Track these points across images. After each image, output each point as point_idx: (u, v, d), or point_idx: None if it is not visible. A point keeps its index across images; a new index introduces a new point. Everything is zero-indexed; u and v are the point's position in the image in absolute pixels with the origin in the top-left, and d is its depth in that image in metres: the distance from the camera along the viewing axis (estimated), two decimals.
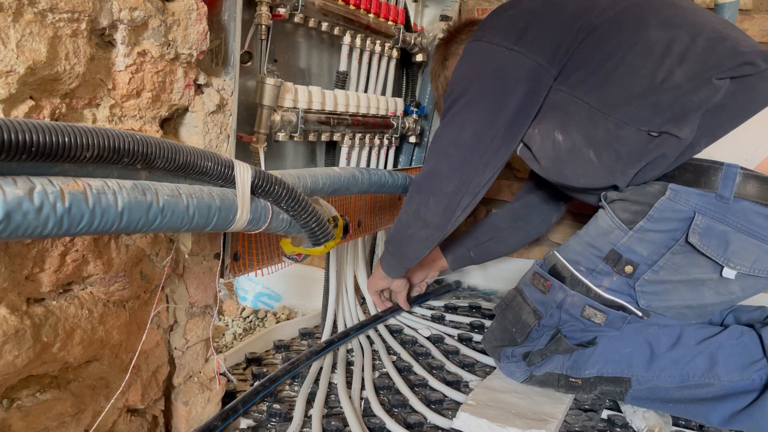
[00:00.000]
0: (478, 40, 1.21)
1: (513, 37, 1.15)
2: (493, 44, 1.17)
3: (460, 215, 1.24)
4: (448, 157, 1.21)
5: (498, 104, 1.16)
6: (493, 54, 1.17)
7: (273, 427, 1.02)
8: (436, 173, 1.23)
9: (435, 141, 1.26)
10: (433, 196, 1.24)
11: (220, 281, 1.00)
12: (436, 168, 1.24)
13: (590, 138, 1.09)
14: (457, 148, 1.20)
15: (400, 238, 1.35)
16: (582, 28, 1.11)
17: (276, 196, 0.80)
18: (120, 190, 0.60)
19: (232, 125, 0.93)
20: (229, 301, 1.86)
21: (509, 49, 1.15)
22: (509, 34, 1.16)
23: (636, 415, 1.12)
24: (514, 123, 1.16)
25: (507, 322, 1.19)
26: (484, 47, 1.19)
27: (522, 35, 1.15)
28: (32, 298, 0.69)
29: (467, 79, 1.20)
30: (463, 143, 1.19)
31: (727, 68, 1.01)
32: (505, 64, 1.15)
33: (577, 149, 1.11)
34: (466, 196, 1.21)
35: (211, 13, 0.88)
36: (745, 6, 1.61)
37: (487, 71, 1.18)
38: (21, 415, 0.70)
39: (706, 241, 1.01)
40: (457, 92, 1.21)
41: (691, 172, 1.02)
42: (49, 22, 0.64)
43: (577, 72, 1.11)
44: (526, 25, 1.15)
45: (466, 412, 1.05)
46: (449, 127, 1.22)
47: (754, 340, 1.06)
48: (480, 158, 1.18)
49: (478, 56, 1.21)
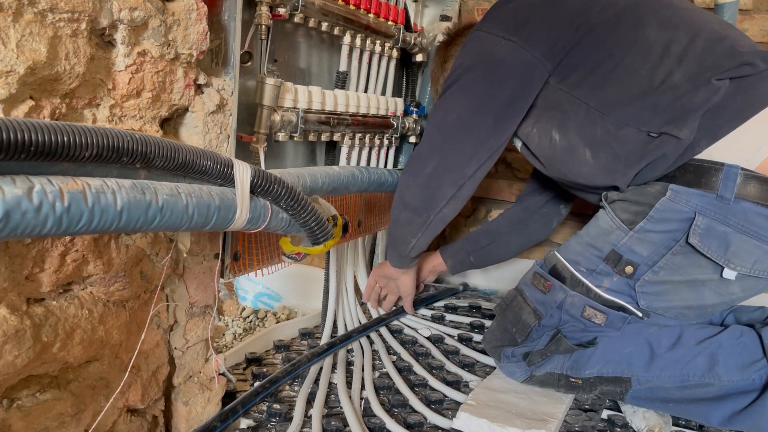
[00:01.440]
0: (478, 30, 1.22)
1: (511, 28, 1.16)
2: (491, 34, 1.18)
3: (444, 206, 1.23)
4: (431, 138, 1.23)
5: (488, 92, 1.16)
6: (489, 43, 1.18)
7: (273, 427, 1.02)
8: (417, 154, 1.26)
9: (426, 125, 1.27)
10: (412, 176, 1.25)
11: (220, 281, 1.00)
12: (418, 150, 1.26)
13: (588, 138, 1.09)
14: (440, 130, 1.22)
15: (391, 222, 1.37)
16: (580, 27, 1.11)
17: (275, 195, 0.80)
18: (119, 189, 0.60)
19: (232, 125, 0.93)
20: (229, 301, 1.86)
21: (506, 39, 1.15)
22: (508, 25, 1.16)
23: (636, 415, 1.12)
24: (504, 115, 1.16)
25: (507, 322, 1.19)
26: (482, 36, 1.20)
27: (520, 28, 1.15)
28: (32, 298, 0.69)
29: (462, 66, 1.21)
30: (447, 126, 1.20)
31: (727, 69, 1.01)
32: (501, 54, 1.16)
33: (573, 149, 1.11)
34: (447, 185, 1.21)
35: (211, 13, 0.88)
36: (745, 6, 1.61)
37: (481, 59, 1.18)
38: (21, 415, 0.70)
39: (707, 242, 1.01)
40: (451, 79, 1.22)
41: (692, 172, 1.02)
42: (49, 22, 0.64)
43: (575, 71, 1.11)
44: (525, 19, 1.16)
45: (466, 412, 1.05)
46: (437, 111, 1.24)
47: (754, 340, 1.06)
48: (462, 144, 1.19)
49: (475, 45, 1.21)
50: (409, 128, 1.64)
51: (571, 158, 1.12)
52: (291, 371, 1.18)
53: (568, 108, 1.12)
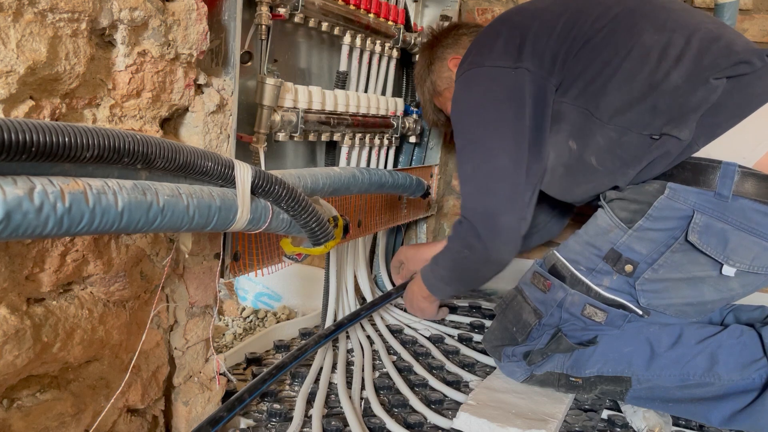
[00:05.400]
0: (480, 66, 1.20)
1: (514, 55, 1.16)
2: (496, 67, 1.17)
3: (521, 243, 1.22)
4: (493, 191, 1.18)
5: (520, 125, 1.15)
6: (498, 77, 1.17)
7: (273, 427, 1.02)
8: (489, 213, 1.19)
9: (467, 178, 1.23)
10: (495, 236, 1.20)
11: (220, 281, 1.00)
12: (485, 207, 1.20)
13: (592, 146, 1.10)
14: (501, 180, 1.17)
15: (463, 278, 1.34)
16: (577, 38, 1.12)
17: (276, 196, 0.80)
18: (120, 190, 0.60)
19: (232, 125, 0.93)
20: (229, 301, 1.86)
21: (514, 68, 1.15)
22: (508, 53, 1.16)
23: (636, 415, 1.12)
24: (537, 139, 1.16)
25: (507, 322, 1.19)
26: (488, 72, 1.19)
27: (521, 52, 1.15)
28: (32, 298, 0.69)
29: (479, 106, 1.20)
30: (506, 173, 1.16)
31: (724, 68, 1.02)
32: (514, 84, 1.15)
33: (585, 157, 1.12)
34: (523, 225, 1.19)
35: (211, 13, 0.88)
36: (745, 6, 1.61)
37: (497, 95, 1.17)
38: (21, 415, 0.70)
39: (706, 240, 1.01)
40: (473, 122, 1.20)
41: (690, 170, 1.03)
42: (49, 22, 0.64)
43: (576, 82, 1.12)
44: (522, 41, 1.16)
45: (466, 412, 1.05)
46: (480, 161, 1.19)
47: (754, 340, 1.06)
48: (526, 183, 1.17)
49: (483, 82, 1.20)
50: (409, 128, 1.64)
51: (585, 168, 1.14)
52: (298, 356, 1.17)
53: (574, 118, 1.13)
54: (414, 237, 1.93)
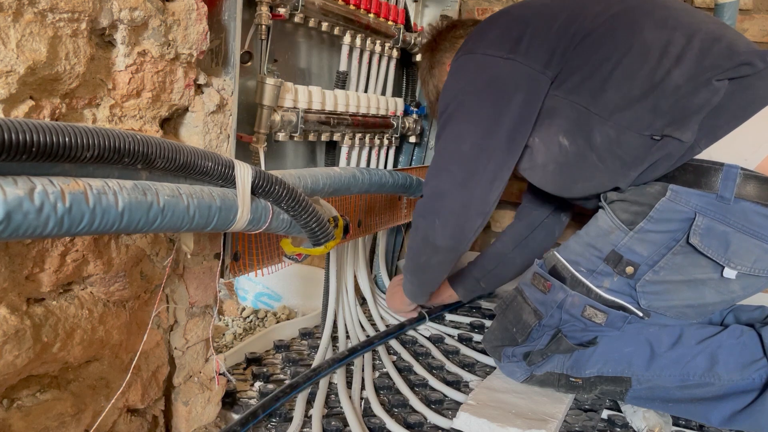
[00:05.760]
0: (471, 53, 1.20)
1: (507, 47, 1.14)
2: (487, 55, 1.16)
3: (472, 237, 1.21)
4: (450, 173, 1.18)
5: (497, 114, 1.14)
6: (487, 64, 1.16)
7: (273, 427, 1.02)
8: (438, 193, 1.20)
9: (434, 159, 1.23)
10: (438, 217, 1.20)
11: (220, 281, 1.00)
12: (438, 187, 1.20)
13: (592, 142, 1.09)
14: (458, 163, 1.17)
15: (415, 267, 1.35)
16: (576, 33, 1.11)
17: (276, 196, 0.80)
18: (120, 190, 0.60)
19: (232, 125, 0.93)
20: (229, 301, 1.86)
21: (504, 58, 1.14)
22: (503, 44, 1.15)
23: (636, 415, 1.12)
24: (516, 132, 1.14)
25: (507, 322, 1.19)
26: (477, 59, 1.18)
27: (516, 44, 1.14)
28: (32, 298, 0.69)
29: (462, 91, 1.18)
30: (465, 157, 1.16)
31: (726, 69, 1.01)
32: (501, 74, 1.14)
33: (582, 153, 1.10)
34: (476, 216, 1.18)
35: (211, 13, 0.88)
36: (745, 6, 1.61)
37: (482, 82, 1.17)
38: (21, 415, 0.70)
39: (707, 242, 1.01)
40: (453, 106, 1.19)
41: (692, 172, 1.02)
42: (49, 22, 0.64)
43: (572, 76, 1.10)
44: (519, 34, 1.15)
45: (466, 412, 1.05)
46: (447, 142, 1.19)
47: (754, 340, 1.06)
48: (484, 172, 1.15)
49: (471, 68, 1.19)
50: (409, 128, 1.64)
51: (583, 163, 1.11)
52: (311, 377, 1.16)
53: (568, 113, 1.11)
54: None
